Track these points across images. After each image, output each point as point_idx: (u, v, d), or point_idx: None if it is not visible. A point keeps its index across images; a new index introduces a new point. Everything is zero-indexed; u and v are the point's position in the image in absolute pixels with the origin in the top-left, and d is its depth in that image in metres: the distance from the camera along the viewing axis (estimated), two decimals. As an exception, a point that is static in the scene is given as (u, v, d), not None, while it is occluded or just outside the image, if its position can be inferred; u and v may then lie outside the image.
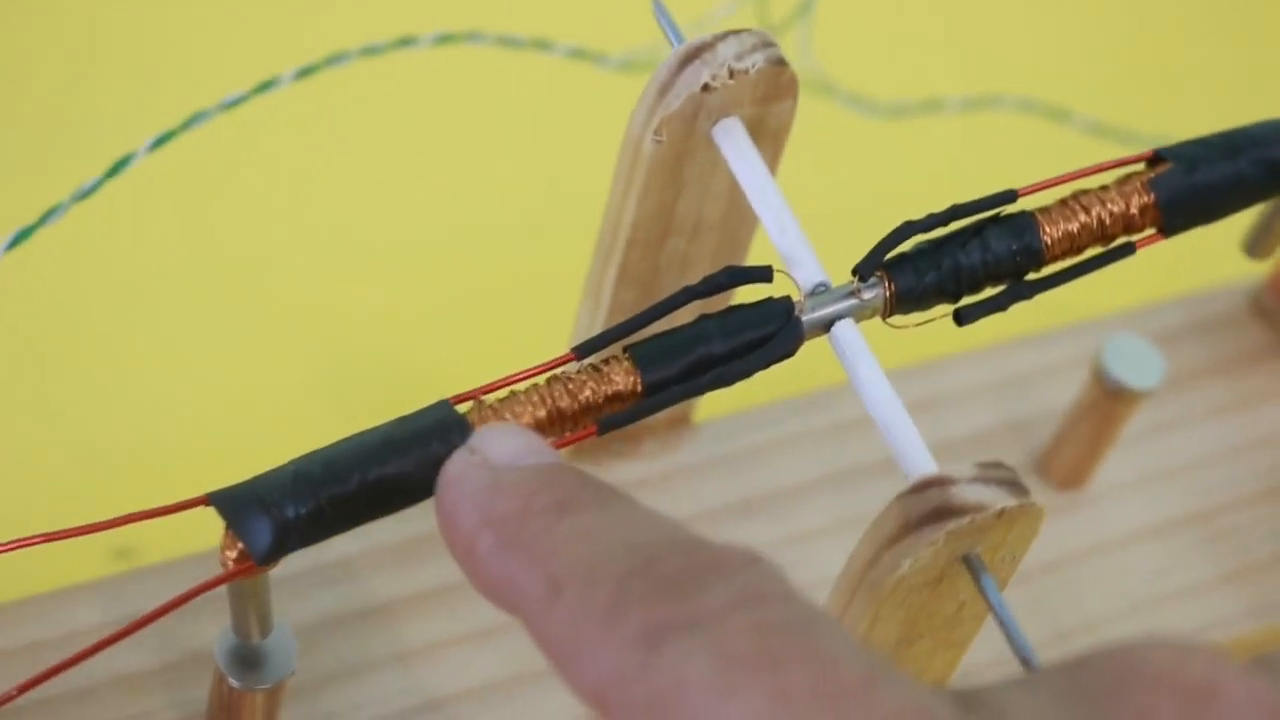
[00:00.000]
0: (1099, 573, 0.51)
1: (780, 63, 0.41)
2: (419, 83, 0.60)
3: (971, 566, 0.37)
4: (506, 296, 0.57)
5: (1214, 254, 0.53)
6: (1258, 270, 0.58)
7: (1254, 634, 0.51)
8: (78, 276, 0.54)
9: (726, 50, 0.41)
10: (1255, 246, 0.46)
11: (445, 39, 0.50)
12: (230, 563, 0.36)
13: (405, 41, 0.49)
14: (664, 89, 0.41)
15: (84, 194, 0.45)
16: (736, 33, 0.41)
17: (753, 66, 0.41)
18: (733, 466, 0.51)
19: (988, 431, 0.53)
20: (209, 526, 0.46)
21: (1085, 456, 0.51)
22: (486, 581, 0.30)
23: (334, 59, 0.48)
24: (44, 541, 0.36)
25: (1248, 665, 0.28)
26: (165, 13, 0.61)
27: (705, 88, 0.40)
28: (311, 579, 0.46)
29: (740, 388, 0.54)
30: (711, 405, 0.52)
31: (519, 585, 0.29)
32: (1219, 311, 0.57)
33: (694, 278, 0.46)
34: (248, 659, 0.40)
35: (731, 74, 0.40)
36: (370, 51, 0.49)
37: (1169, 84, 0.68)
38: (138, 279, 0.55)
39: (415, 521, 0.47)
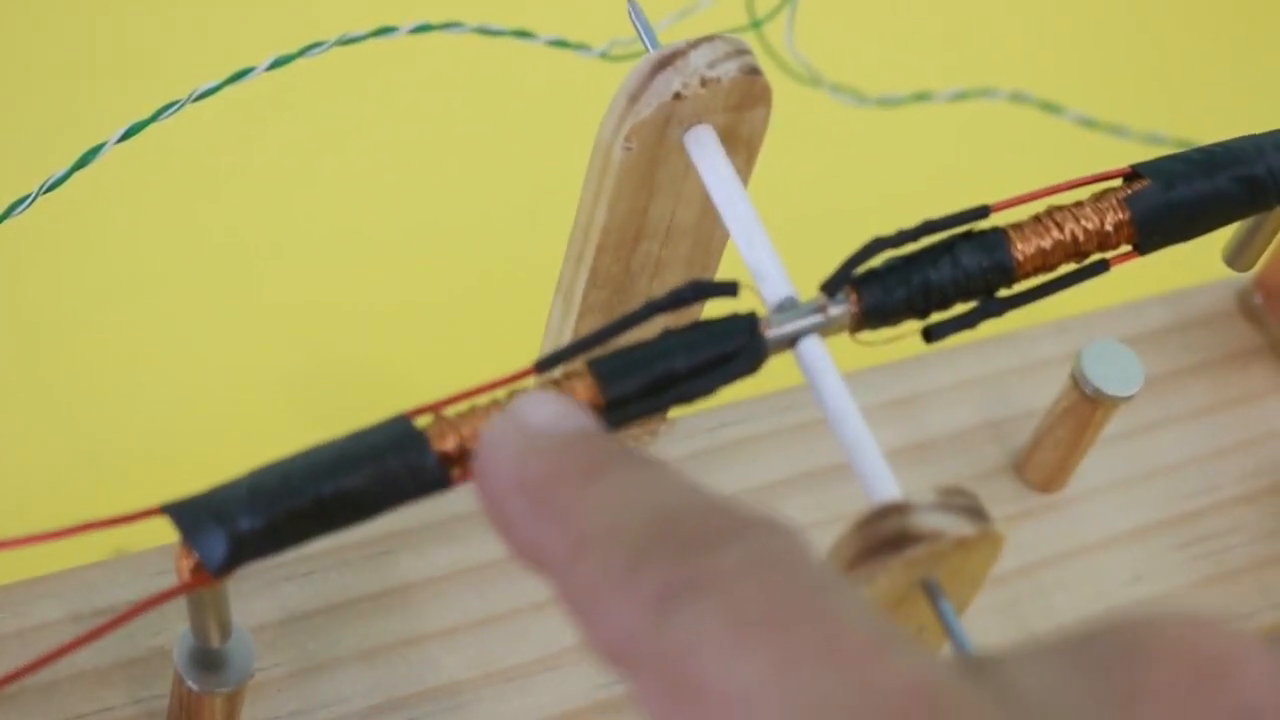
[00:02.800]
0: (1074, 577, 0.51)
1: (753, 71, 0.40)
2: (397, 73, 0.60)
3: (930, 592, 0.36)
4: (485, 288, 0.57)
5: (1200, 251, 0.52)
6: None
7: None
8: (45, 269, 0.54)
9: (699, 58, 0.40)
10: (1236, 257, 0.46)
11: (423, 28, 0.50)
12: (187, 573, 0.36)
13: (383, 31, 0.49)
14: (634, 97, 0.40)
15: (52, 185, 0.44)
16: (710, 39, 0.40)
17: (725, 75, 0.40)
18: (707, 463, 0.50)
19: (967, 431, 0.53)
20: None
21: (1063, 459, 0.51)
22: (517, 543, 0.31)
23: (309, 48, 0.47)
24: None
25: (1266, 641, 0.28)
26: (138, 1, 0.61)
27: (676, 96, 0.40)
28: (277, 574, 0.46)
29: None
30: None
31: (546, 546, 0.30)
32: (1204, 310, 0.56)
33: (667, 281, 0.46)
34: (207, 662, 0.40)
35: (703, 82, 0.40)
36: (347, 41, 0.48)
37: (1161, 78, 0.68)
38: (106, 271, 0.55)
39: (384, 518, 0.47)
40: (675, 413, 0.51)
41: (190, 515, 0.35)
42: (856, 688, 0.26)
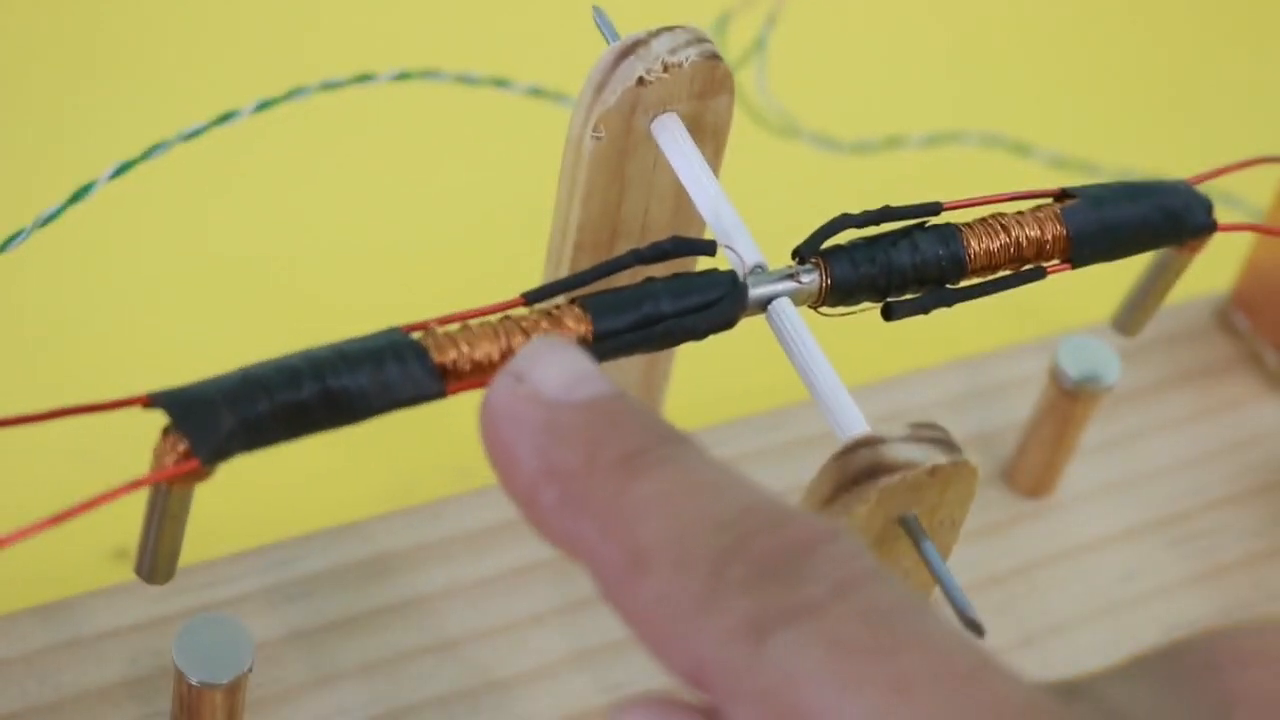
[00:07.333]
0: (1067, 577, 0.51)
1: (714, 57, 0.42)
2: (377, 118, 0.61)
3: (909, 530, 0.37)
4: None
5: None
6: (1222, 284, 0.58)
7: (1225, 634, 0.51)
8: (40, 302, 0.55)
9: (660, 45, 0.42)
10: (1125, 322, 0.47)
11: (403, 76, 0.52)
12: (170, 462, 0.34)
13: (364, 77, 0.51)
14: (600, 86, 0.42)
15: (46, 220, 0.46)
16: (670, 29, 0.42)
17: (686, 60, 0.41)
18: (698, 482, 0.51)
19: (954, 445, 0.53)
20: (209, 542, 0.47)
21: (1049, 461, 0.51)
22: (552, 535, 0.29)
23: (293, 93, 0.49)
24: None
25: None
26: (127, 45, 0.63)
27: (640, 81, 0.41)
28: (278, 596, 0.47)
29: (707, 407, 0.55)
30: (680, 422, 0.52)
31: (593, 549, 0.29)
32: (1185, 324, 0.57)
33: (645, 283, 0.47)
34: (205, 655, 0.41)
35: (665, 68, 0.41)
36: (329, 86, 0.50)
37: (1130, 117, 0.69)
38: (98, 305, 0.56)
39: (379, 539, 0.48)
40: (665, 434, 0.52)
41: (179, 402, 0.34)
42: (972, 709, 0.26)
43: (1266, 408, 0.56)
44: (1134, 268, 0.48)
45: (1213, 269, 0.58)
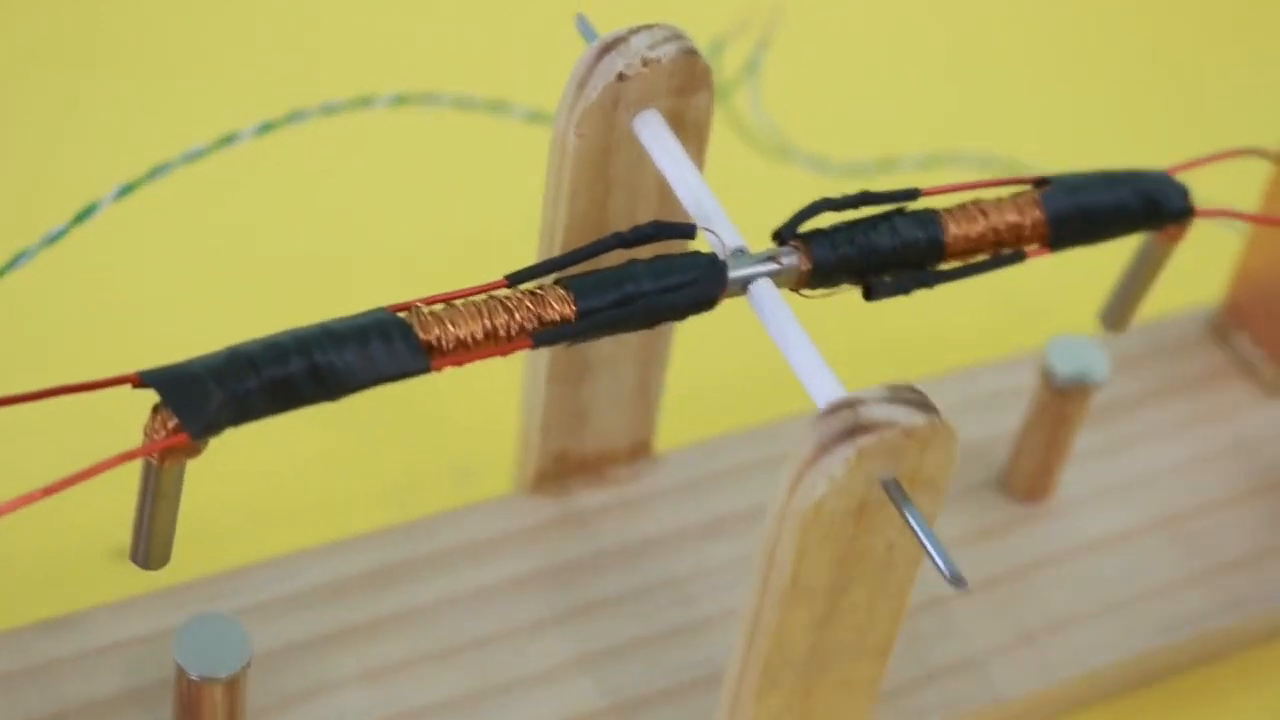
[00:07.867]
0: (1066, 577, 0.51)
1: (692, 53, 0.43)
2: (377, 141, 0.62)
3: (891, 494, 0.37)
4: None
5: (1171, 279, 0.53)
6: (1214, 295, 0.59)
7: (1227, 629, 0.51)
8: (45, 319, 0.56)
9: (639, 42, 0.43)
10: (1112, 317, 0.48)
11: (402, 100, 0.53)
12: (162, 437, 0.35)
13: (363, 101, 0.52)
14: (582, 83, 0.43)
15: (52, 239, 0.47)
16: (649, 26, 0.43)
17: (665, 56, 0.42)
18: (694, 492, 0.51)
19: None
20: (210, 555, 0.48)
21: (1043, 464, 0.52)
22: None
23: (294, 116, 0.50)
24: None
25: None
26: (131, 68, 0.64)
27: (620, 77, 0.42)
28: (276, 609, 0.47)
29: (699, 420, 0.55)
30: (673, 437, 0.53)
31: None
32: (1178, 335, 0.58)
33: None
34: (205, 651, 0.41)
35: (645, 63, 0.42)
36: (329, 110, 0.51)
37: (1126, 140, 0.70)
38: (103, 323, 0.57)
39: (381, 550, 0.49)
40: (666, 444, 0.52)
41: (169, 379, 0.35)
42: None
43: (1262, 416, 0.56)
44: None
45: (1204, 280, 0.59)
